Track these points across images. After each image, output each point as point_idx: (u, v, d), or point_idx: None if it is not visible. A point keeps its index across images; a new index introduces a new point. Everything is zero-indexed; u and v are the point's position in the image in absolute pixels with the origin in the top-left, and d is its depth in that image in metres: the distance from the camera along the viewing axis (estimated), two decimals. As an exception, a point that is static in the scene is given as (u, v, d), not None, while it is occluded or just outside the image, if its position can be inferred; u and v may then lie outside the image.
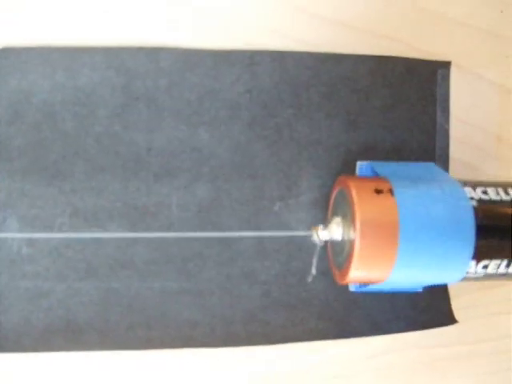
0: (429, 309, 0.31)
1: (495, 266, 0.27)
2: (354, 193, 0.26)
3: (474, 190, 0.27)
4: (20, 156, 0.29)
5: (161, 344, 0.29)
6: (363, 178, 0.29)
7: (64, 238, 0.29)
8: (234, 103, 0.29)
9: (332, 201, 0.29)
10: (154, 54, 0.29)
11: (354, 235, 0.26)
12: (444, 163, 0.31)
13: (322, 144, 0.30)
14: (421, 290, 0.29)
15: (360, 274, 0.27)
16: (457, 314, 0.31)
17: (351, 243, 0.26)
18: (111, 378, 0.29)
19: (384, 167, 0.29)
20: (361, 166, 0.30)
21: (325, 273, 0.30)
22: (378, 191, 0.27)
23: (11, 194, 0.29)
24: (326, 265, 0.30)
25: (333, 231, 0.27)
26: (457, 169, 0.31)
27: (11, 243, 0.29)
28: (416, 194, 0.27)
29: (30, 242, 0.29)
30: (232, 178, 0.30)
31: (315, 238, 0.28)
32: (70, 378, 0.29)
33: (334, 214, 0.29)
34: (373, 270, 0.27)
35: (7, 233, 0.28)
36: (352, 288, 0.30)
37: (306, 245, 0.30)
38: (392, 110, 0.31)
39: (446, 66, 0.31)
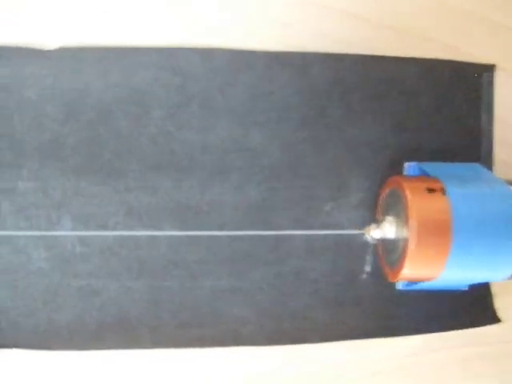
0: (472, 308, 0.31)
1: None
2: (407, 192, 0.27)
3: None
4: (74, 155, 0.29)
5: (211, 342, 0.29)
6: (415, 178, 0.29)
7: (117, 237, 0.29)
8: (285, 104, 0.30)
9: (381, 200, 0.30)
10: (207, 55, 0.29)
11: (408, 233, 0.26)
12: (488, 164, 0.32)
13: (370, 144, 0.30)
14: (466, 289, 0.30)
15: (413, 271, 0.27)
16: (498, 314, 0.32)
17: (405, 241, 0.27)
18: (163, 376, 0.30)
19: (432, 167, 0.29)
20: (408, 166, 0.30)
21: (371, 272, 0.30)
22: (431, 190, 0.27)
23: (65, 192, 0.29)
24: (373, 264, 0.30)
25: (386, 230, 0.28)
26: (501, 169, 0.32)
27: (65, 242, 0.29)
28: (467, 193, 0.27)
29: (84, 241, 0.29)
30: (283, 177, 0.30)
31: (368, 236, 0.28)
32: (120, 375, 0.30)
33: (385, 213, 0.29)
34: (425, 268, 0.27)
35: (61, 231, 0.29)
36: (399, 286, 0.30)
37: (353, 244, 0.30)
38: (438, 111, 0.31)
39: (490, 69, 0.32)
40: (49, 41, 0.28)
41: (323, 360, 0.31)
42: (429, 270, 0.27)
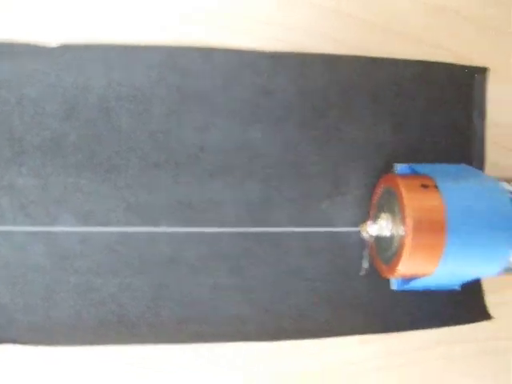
0: (464, 305, 0.32)
1: None
2: (402, 188, 0.27)
3: (510, 183, 0.29)
4: (74, 152, 0.29)
5: (211, 338, 0.30)
6: (408, 175, 0.30)
7: (117, 233, 0.29)
8: (285, 104, 0.30)
9: (376, 199, 0.30)
10: (208, 54, 0.29)
11: (404, 230, 0.27)
12: (480, 165, 0.32)
13: (367, 144, 0.31)
14: (459, 288, 0.30)
15: (409, 267, 0.28)
16: (490, 311, 0.33)
17: (400, 238, 0.27)
18: (161, 371, 0.30)
19: (423, 168, 0.30)
20: (399, 168, 0.31)
21: (367, 271, 0.31)
22: (425, 186, 0.28)
23: (66, 189, 0.29)
24: (370, 261, 0.31)
25: (382, 226, 0.28)
26: (492, 170, 0.32)
27: (64, 238, 0.29)
28: (459, 189, 0.28)
29: (84, 238, 0.29)
30: (282, 176, 0.30)
31: (364, 233, 0.29)
32: (119, 370, 0.30)
33: (380, 210, 0.30)
34: (421, 264, 0.28)
35: (61, 227, 0.29)
36: (394, 286, 0.31)
37: (350, 243, 0.31)
38: (432, 113, 0.32)
39: (483, 71, 0.33)
40: (51, 38, 0.29)
41: (322, 357, 0.32)
42: (425, 265, 0.28)
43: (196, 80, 0.30)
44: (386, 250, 0.29)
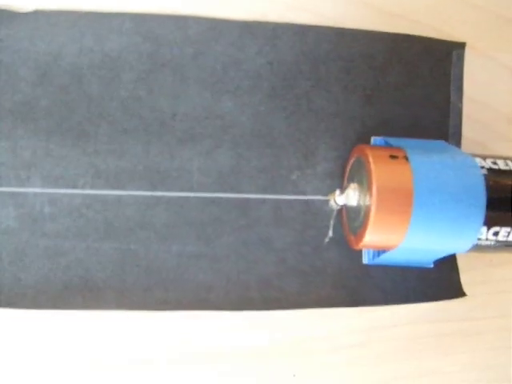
0: (438, 281, 0.32)
1: (505, 233, 0.28)
2: (370, 158, 0.27)
3: (484, 160, 0.28)
4: (46, 116, 0.29)
5: (177, 306, 0.30)
6: (379, 147, 0.29)
7: (85, 198, 0.29)
8: (255, 74, 0.30)
9: (348, 169, 0.30)
10: (181, 22, 0.30)
11: (370, 200, 0.27)
12: (456, 141, 0.32)
13: (338, 116, 0.31)
14: (432, 266, 0.30)
15: (375, 237, 0.27)
16: (464, 290, 0.32)
17: (367, 208, 0.27)
18: (125, 337, 0.30)
19: (398, 142, 0.30)
20: (375, 140, 0.31)
21: (339, 242, 0.31)
22: (393, 157, 0.28)
23: (36, 153, 0.29)
24: (341, 234, 0.31)
25: (349, 196, 0.28)
26: (468, 147, 0.32)
27: (34, 201, 0.29)
28: (429, 161, 0.27)
29: (52, 201, 0.29)
30: (252, 145, 0.30)
31: (332, 202, 0.29)
32: (83, 335, 0.30)
33: (350, 181, 0.29)
34: (387, 234, 0.27)
35: (30, 188, 0.29)
36: (365, 260, 0.31)
37: (321, 214, 0.31)
38: (407, 87, 0.32)
39: (461, 46, 0.32)
40: (24, 3, 0.29)
41: (290, 329, 0.31)
42: (391, 235, 0.27)
43: (167, 48, 0.30)
44: (355, 220, 0.29)
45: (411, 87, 0.32)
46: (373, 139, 0.31)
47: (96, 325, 0.30)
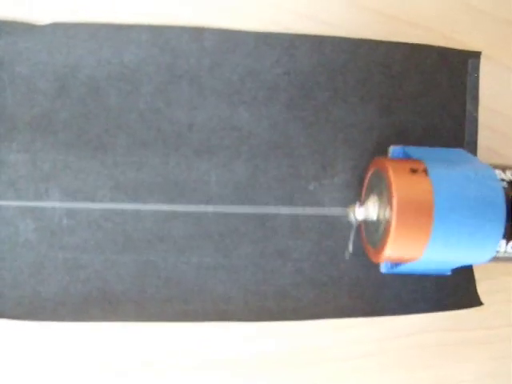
0: (455, 290, 0.32)
1: None
2: (390, 172, 0.27)
3: (504, 172, 0.28)
4: (64, 129, 0.29)
5: (196, 317, 0.30)
6: (399, 159, 0.29)
7: (104, 210, 0.29)
8: (273, 84, 0.30)
9: (366, 181, 0.30)
10: (198, 34, 0.30)
11: (390, 213, 0.27)
12: (472, 150, 0.32)
13: (356, 127, 0.31)
14: (449, 273, 0.30)
15: (395, 252, 0.28)
16: (481, 298, 0.32)
17: (387, 221, 0.27)
18: (146, 349, 0.30)
19: (416, 151, 0.30)
20: (393, 150, 0.31)
21: (356, 253, 0.31)
22: (414, 170, 0.28)
23: (55, 165, 0.29)
24: (358, 245, 0.31)
25: (369, 209, 0.28)
26: (484, 155, 0.32)
27: (52, 214, 0.29)
28: (450, 174, 0.27)
29: (71, 214, 0.29)
30: (269, 156, 0.30)
31: (351, 216, 0.29)
32: (104, 347, 0.30)
33: (369, 193, 0.29)
34: (407, 248, 0.27)
35: (49, 202, 0.29)
36: (383, 269, 0.31)
37: (338, 224, 0.31)
38: (423, 96, 0.32)
39: (476, 56, 0.32)
40: (42, 16, 0.29)
41: (308, 339, 0.31)
42: (411, 249, 0.28)
43: (184, 59, 0.30)
44: (374, 233, 0.29)
45: (427, 96, 0.32)
46: (391, 149, 0.31)
47: (116, 335, 0.30)
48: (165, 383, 0.30)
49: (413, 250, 0.28)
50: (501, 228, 0.27)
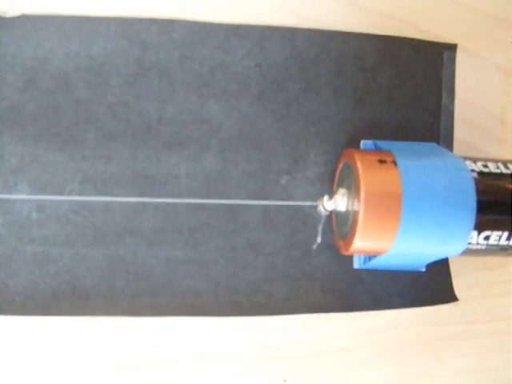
0: (430, 286, 0.31)
1: (497, 237, 0.27)
2: (358, 163, 0.27)
3: (475, 163, 0.28)
4: (33, 122, 0.29)
5: (165, 311, 0.29)
6: (368, 151, 0.29)
7: (73, 204, 0.29)
8: (243, 77, 0.30)
9: (337, 174, 0.30)
10: (167, 26, 0.29)
11: (359, 205, 0.27)
12: (448, 143, 0.32)
13: (328, 120, 0.31)
14: (424, 270, 0.30)
15: (364, 243, 0.27)
16: (457, 294, 0.32)
17: (356, 213, 0.27)
18: (113, 344, 0.30)
19: (387, 145, 0.29)
20: (365, 144, 0.30)
21: (329, 247, 0.30)
22: (382, 161, 0.27)
23: (23, 158, 0.29)
24: (330, 239, 0.30)
25: (338, 201, 0.28)
26: (460, 149, 0.32)
27: (21, 208, 0.29)
28: (418, 165, 0.27)
29: (40, 207, 0.29)
30: (240, 150, 0.30)
31: (320, 208, 0.28)
32: (73, 342, 0.30)
33: (340, 186, 0.29)
34: (376, 240, 0.27)
35: (18, 195, 0.29)
36: (356, 265, 0.30)
37: (310, 218, 0.30)
38: (398, 89, 0.31)
39: (452, 48, 0.32)
40: (10, 8, 0.29)
41: (281, 334, 0.31)
42: (380, 241, 0.27)
43: (154, 52, 0.30)
44: (343, 225, 0.29)
45: (402, 89, 0.31)
46: (362, 143, 0.30)
47: (85, 330, 0.30)
48: (154, 378, 0.30)
49: (382, 241, 0.27)
50: (472, 218, 0.27)
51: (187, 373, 0.30)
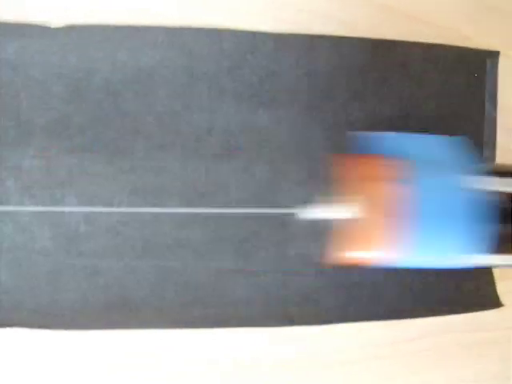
0: (474, 292, 0.32)
1: None
2: (359, 173, 0.26)
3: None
4: (80, 134, 0.29)
5: (215, 323, 0.29)
6: (370, 159, 0.28)
7: (122, 216, 0.29)
8: (292, 86, 0.30)
9: (348, 181, 0.29)
10: (216, 36, 0.29)
11: (359, 214, 0.26)
12: (491, 149, 0.32)
13: (375, 128, 0.31)
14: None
15: (358, 254, 0.27)
16: (501, 299, 0.32)
17: (359, 222, 0.26)
18: (166, 355, 0.30)
19: (395, 139, 0.28)
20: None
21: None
22: (385, 172, 0.26)
23: (71, 171, 0.29)
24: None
25: (340, 209, 0.27)
26: (503, 156, 0.32)
27: (69, 220, 0.29)
28: (423, 180, 0.26)
29: (88, 220, 0.29)
30: (289, 159, 0.30)
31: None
32: (124, 354, 0.29)
33: (346, 194, 0.29)
34: (372, 250, 0.26)
35: (66, 207, 0.28)
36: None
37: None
38: (442, 96, 0.31)
39: (494, 55, 0.32)
40: (56, 19, 0.28)
41: (326, 343, 0.31)
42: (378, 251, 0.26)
43: (202, 62, 0.29)
44: (343, 234, 0.28)
45: (446, 97, 0.31)
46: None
47: (135, 343, 0.30)
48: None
49: (379, 253, 0.26)
50: (467, 237, 0.26)
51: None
